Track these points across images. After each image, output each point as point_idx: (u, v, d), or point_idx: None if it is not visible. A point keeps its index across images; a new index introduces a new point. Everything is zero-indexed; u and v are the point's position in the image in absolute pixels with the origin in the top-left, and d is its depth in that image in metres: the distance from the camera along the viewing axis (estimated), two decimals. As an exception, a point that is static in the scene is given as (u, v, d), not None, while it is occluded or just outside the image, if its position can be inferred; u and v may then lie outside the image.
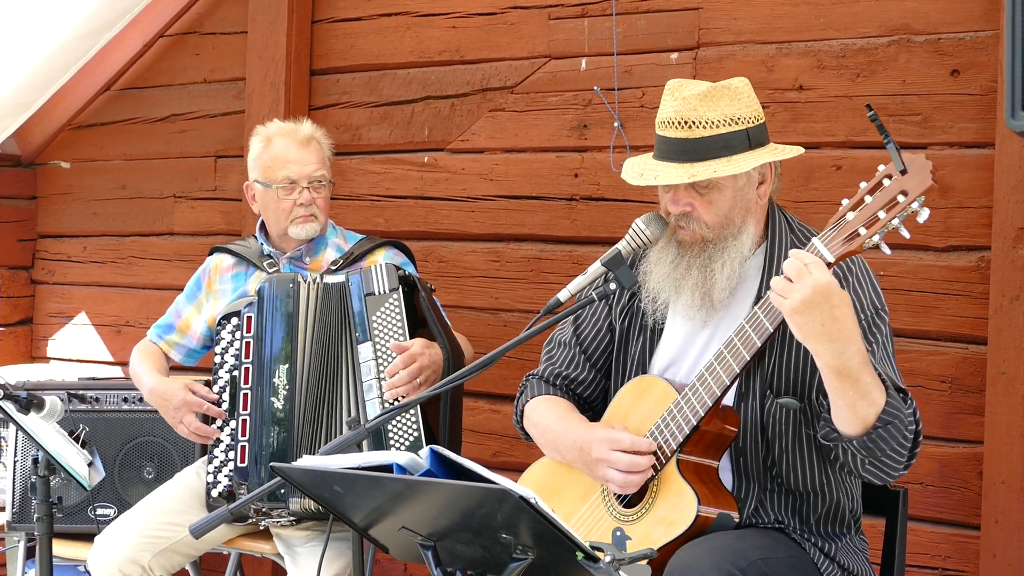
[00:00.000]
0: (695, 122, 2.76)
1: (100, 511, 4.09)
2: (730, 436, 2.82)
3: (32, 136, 5.34)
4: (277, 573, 4.57)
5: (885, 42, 3.66)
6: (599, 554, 2.16)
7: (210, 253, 3.97)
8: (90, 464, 3.36)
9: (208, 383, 3.67)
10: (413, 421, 3.46)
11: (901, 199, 2.50)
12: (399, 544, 2.53)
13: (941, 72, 3.58)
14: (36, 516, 3.33)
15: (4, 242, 5.36)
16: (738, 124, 2.77)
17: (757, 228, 2.87)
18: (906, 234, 2.53)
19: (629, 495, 2.86)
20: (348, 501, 2.46)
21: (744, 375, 2.80)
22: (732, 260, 2.80)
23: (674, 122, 2.78)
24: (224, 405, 3.61)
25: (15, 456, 4.18)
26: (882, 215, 2.51)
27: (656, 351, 2.98)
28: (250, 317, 3.61)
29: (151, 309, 5.03)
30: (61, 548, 3.89)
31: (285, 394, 3.55)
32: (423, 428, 3.46)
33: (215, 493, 3.59)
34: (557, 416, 3.02)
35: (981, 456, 3.52)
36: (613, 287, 2.79)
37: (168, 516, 3.62)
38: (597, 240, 4.09)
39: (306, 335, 3.59)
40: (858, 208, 2.55)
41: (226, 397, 3.61)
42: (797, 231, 2.90)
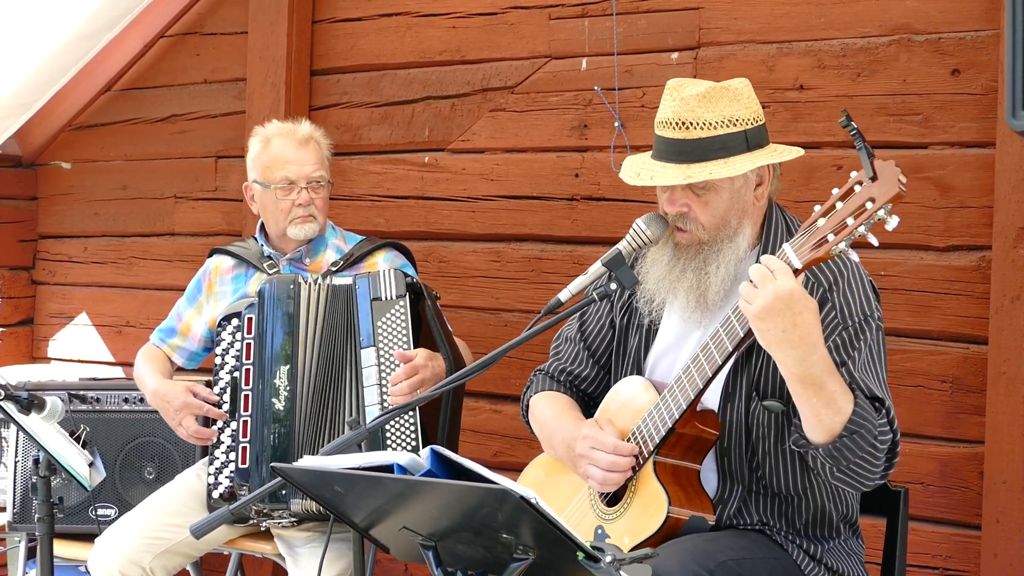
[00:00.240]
0: (693, 123, 2.75)
1: (101, 511, 4.09)
2: (710, 439, 2.82)
3: (33, 137, 5.34)
4: (278, 574, 4.57)
5: (886, 42, 3.66)
6: (599, 554, 2.16)
7: (210, 255, 3.97)
8: (91, 464, 3.36)
9: (209, 384, 3.67)
10: (411, 426, 3.46)
11: (869, 206, 2.47)
12: (400, 544, 2.53)
13: (942, 72, 3.58)
14: (37, 516, 3.33)
15: (5, 243, 5.36)
16: (736, 126, 2.76)
17: (754, 229, 2.87)
18: (874, 241, 2.50)
19: (613, 493, 2.88)
20: (349, 501, 2.46)
21: (731, 376, 2.81)
22: (727, 262, 2.80)
23: (672, 123, 2.78)
24: (225, 406, 3.61)
25: (16, 456, 4.18)
26: (850, 222, 2.49)
27: (651, 349, 2.99)
28: (251, 318, 3.61)
29: (152, 309, 5.03)
30: (62, 548, 3.89)
31: (286, 395, 3.55)
32: (420, 434, 3.46)
33: (216, 494, 3.59)
34: (555, 413, 3.04)
35: (982, 456, 3.52)
36: (614, 287, 2.80)
37: (169, 517, 3.62)
38: (598, 240, 4.09)
39: (308, 336, 3.59)
40: (829, 214, 2.53)
41: (227, 398, 3.61)
42: (795, 232, 2.89)
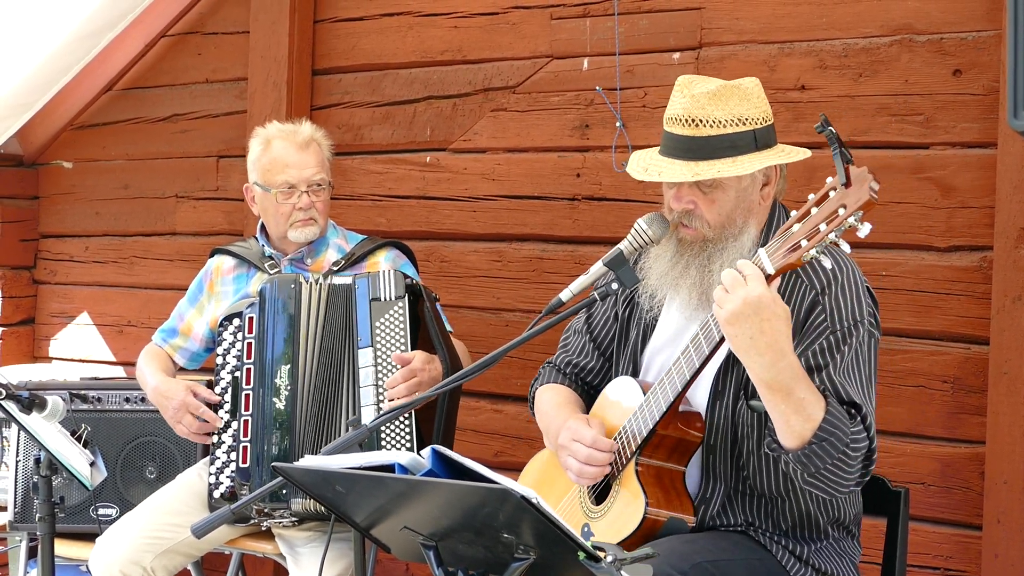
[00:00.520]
0: (702, 120, 2.75)
1: (102, 511, 4.09)
2: (694, 441, 2.83)
3: (34, 136, 5.35)
4: (279, 573, 4.57)
5: (887, 42, 3.66)
6: (600, 554, 2.16)
7: (211, 255, 3.97)
8: (92, 464, 3.36)
9: (210, 384, 3.67)
10: (407, 427, 3.46)
11: (841, 212, 2.46)
12: (401, 544, 2.53)
13: (943, 72, 3.58)
14: (38, 516, 3.33)
15: (6, 242, 5.36)
16: (745, 125, 2.76)
17: (758, 229, 2.86)
18: (846, 248, 2.50)
19: (599, 492, 2.90)
20: (350, 501, 2.46)
21: (720, 375, 2.81)
22: (731, 261, 2.79)
23: (682, 119, 2.77)
24: (226, 406, 3.61)
25: (17, 456, 4.18)
26: (822, 228, 2.48)
27: (648, 345, 3.00)
28: (252, 318, 3.61)
29: (153, 309, 5.04)
30: (63, 548, 3.89)
31: (287, 394, 3.55)
32: (416, 435, 3.46)
33: (217, 494, 3.59)
34: (555, 405, 3.06)
35: (983, 456, 3.51)
36: (615, 287, 2.80)
37: (170, 516, 3.62)
38: (599, 240, 4.09)
39: (309, 336, 3.59)
40: (804, 219, 2.52)
41: (228, 398, 3.61)
42: None
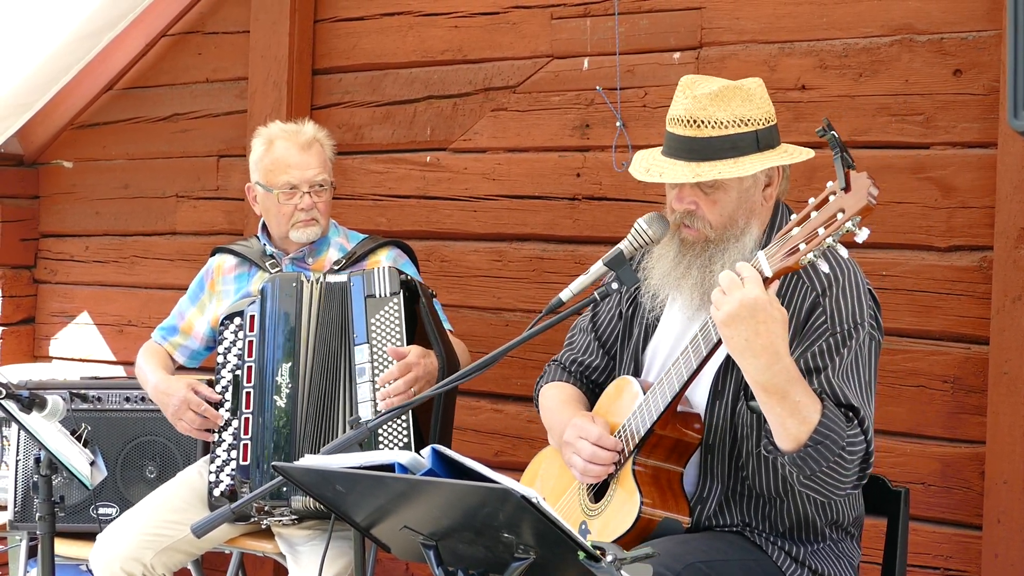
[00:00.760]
0: (704, 121, 2.75)
1: (102, 510, 4.09)
2: (693, 442, 2.83)
3: (35, 135, 5.35)
4: (279, 572, 4.57)
5: (888, 42, 3.66)
6: (600, 553, 2.16)
7: (212, 254, 3.97)
8: (92, 463, 3.36)
9: (211, 382, 3.67)
10: (404, 426, 3.46)
11: (839, 217, 2.47)
12: (401, 543, 2.53)
13: (944, 72, 3.58)
14: (38, 515, 3.34)
15: (7, 241, 5.36)
16: (748, 126, 2.76)
17: (760, 229, 2.86)
18: (843, 252, 2.50)
19: (598, 490, 2.90)
20: (350, 500, 2.46)
21: (720, 375, 2.81)
22: (733, 262, 2.79)
23: (683, 120, 2.77)
24: (227, 404, 3.61)
25: (17, 455, 4.18)
26: (820, 232, 2.48)
27: (650, 344, 3.00)
28: (253, 316, 3.61)
29: (153, 309, 5.04)
30: (63, 547, 3.89)
31: (288, 392, 3.55)
32: (413, 433, 3.47)
33: (217, 492, 3.59)
34: (558, 402, 3.07)
35: (983, 456, 3.51)
36: (616, 286, 2.80)
37: (170, 515, 3.62)
38: (599, 240, 4.09)
39: (309, 334, 3.59)
40: (803, 223, 2.52)
41: (228, 396, 3.61)
42: None
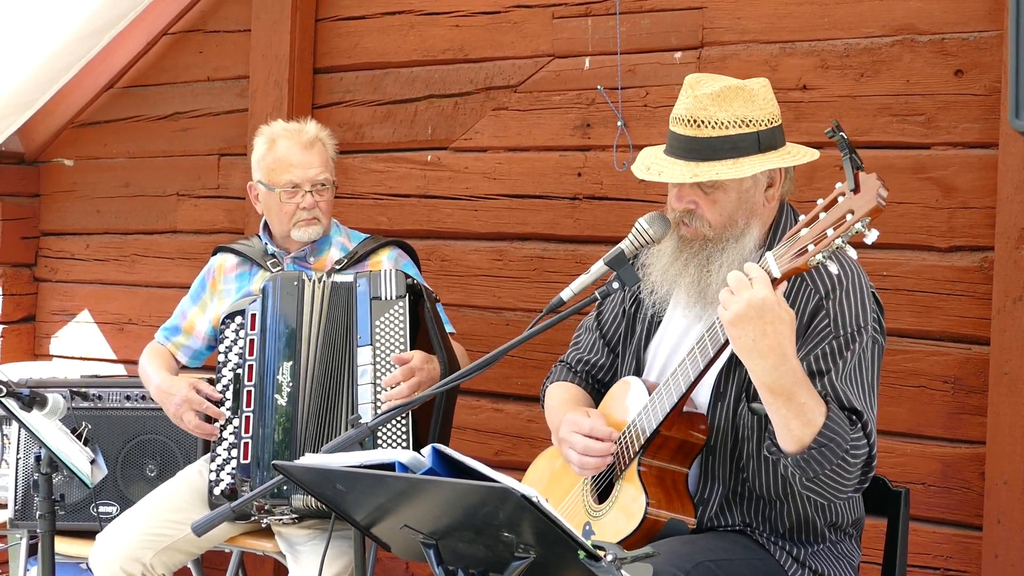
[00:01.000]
0: (705, 121, 2.75)
1: (102, 509, 4.09)
2: (698, 443, 2.83)
3: (36, 134, 5.35)
4: (279, 571, 4.57)
5: (889, 42, 3.66)
6: (600, 553, 2.16)
7: (214, 253, 3.97)
8: (92, 462, 3.36)
9: (212, 381, 3.67)
10: (403, 426, 3.46)
11: (848, 218, 2.47)
12: (401, 542, 2.53)
13: (945, 72, 3.58)
14: (38, 513, 3.34)
15: (7, 239, 5.36)
16: (749, 126, 2.76)
17: (762, 230, 2.86)
18: (852, 254, 2.50)
19: (603, 490, 2.90)
20: (350, 499, 2.46)
21: (722, 376, 2.81)
22: (731, 262, 2.79)
23: (685, 119, 2.78)
24: (228, 403, 3.61)
25: (18, 453, 4.18)
26: (829, 233, 2.48)
27: (652, 342, 3.00)
28: (254, 315, 3.61)
29: (154, 307, 5.04)
30: (63, 546, 3.89)
31: (289, 391, 3.55)
32: (412, 435, 3.47)
33: (217, 491, 3.59)
34: (561, 402, 3.07)
35: (983, 456, 3.51)
36: (616, 286, 2.80)
37: (170, 514, 3.62)
38: (600, 239, 4.09)
39: (311, 333, 3.59)
40: (812, 224, 2.52)
41: (229, 395, 3.61)
42: None
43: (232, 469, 3.58)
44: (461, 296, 4.39)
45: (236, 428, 3.59)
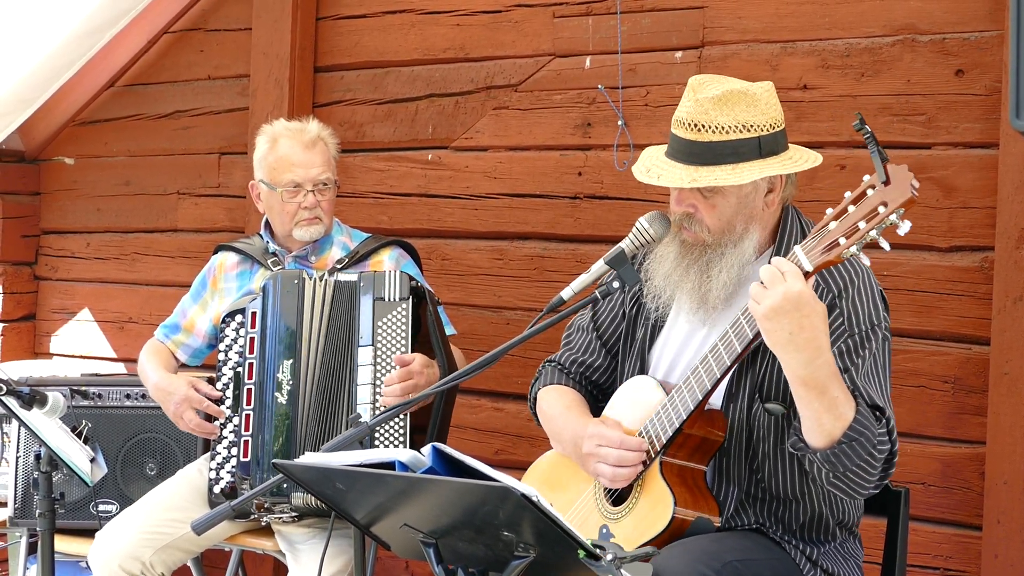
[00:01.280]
0: (705, 126, 2.75)
1: (102, 507, 4.09)
2: (717, 441, 2.82)
3: (36, 132, 5.35)
4: (278, 570, 4.57)
5: (890, 42, 3.66)
6: (600, 552, 2.16)
7: (215, 251, 3.97)
8: (92, 460, 3.36)
9: (212, 380, 3.67)
10: (400, 427, 3.46)
11: (881, 210, 2.47)
12: (401, 541, 2.53)
13: (946, 72, 3.58)
14: (38, 512, 3.33)
15: (8, 238, 5.36)
16: (750, 131, 2.75)
17: (763, 234, 2.85)
18: (886, 246, 2.50)
19: (619, 493, 2.88)
20: (350, 498, 2.46)
21: (735, 377, 2.80)
22: (730, 267, 2.80)
23: (685, 123, 2.77)
24: (228, 401, 3.61)
25: (18, 452, 4.18)
26: (862, 226, 2.49)
27: (655, 345, 2.99)
28: (255, 313, 3.61)
29: (154, 305, 5.04)
30: (63, 544, 3.89)
31: (289, 390, 3.55)
32: (409, 434, 3.47)
33: (217, 489, 3.59)
34: (562, 408, 3.04)
35: (983, 456, 3.51)
36: (617, 285, 2.79)
37: (170, 512, 3.62)
38: (600, 239, 4.09)
39: (311, 332, 3.59)
40: (841, 217, 2.52)
41: (229, 393, 3.61)
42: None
43: (232, 467, 3.58)
44: (461, 295, 4.39)
45: (236, 426, 3.60)
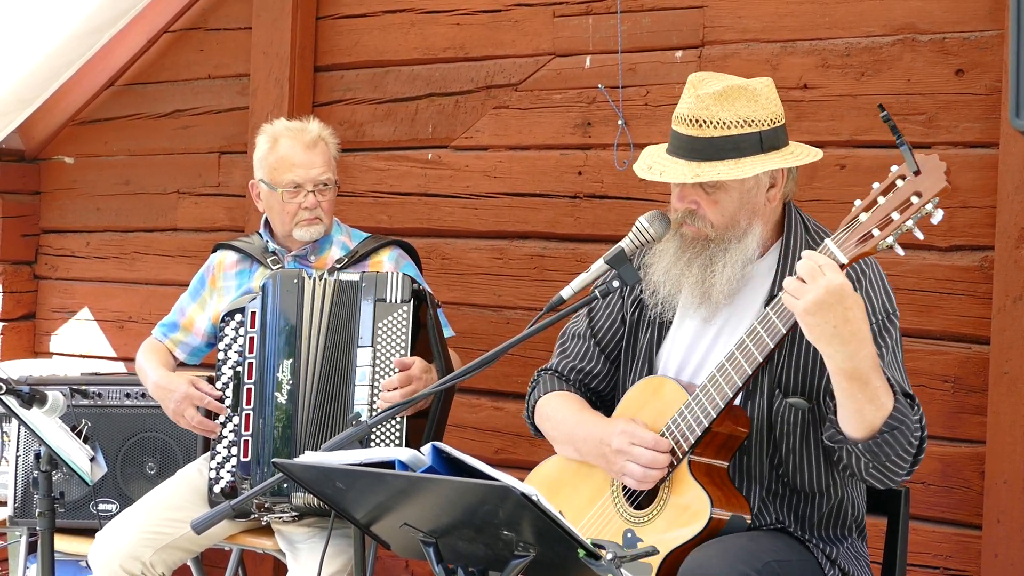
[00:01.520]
0: (706, 121, 2.75)
1: (102, 506, 4.09)
2: (741, 437, 2.80)
3: (36, 131, 5.35)
4: (278, 569, 4.57)
5: (890, 41, 3.66)
6: (600, 551, 2.16)
7: (214, 250, 3.97)
8: (92, 459, 3.36)
9: (211, 379, 3.67)
10: (397, 428, 3.46)
11: (915, 200, 2.49)
12: (401, 541, 2.53)
13: (946, 71, 3.58)
14: (38, 511, 3.33)
15: (7, 237, 5.36)
16: (751, 126, 2.76)
17: (766, 230, 2.86)
18: (920, 235, 2.53)
19: (640, 496, 2.85)
20: (350, 498, 2.46)
21: (753, 373, 2.80)
22: (733, 262, 2.79)
23: (687, 119, 2.77)
24: (227, 401, 3.61)
25: (17, 451, 4.18)
26: (896, 216, 2.51)
27: (663, 345, 2.97)
28: (254, 312, 3.61)
29: (154, 305, 5.04)
30: (63, 543, 3.89)
31: (289, 389, 3.55)
32: (405, 434, 3.47)
33: (217, 489, 3.59)
34: (573, 410, 3.01)
35: (983, 456, 3.51)
36: (616, 284, 2.79)
37: (170, 512, 3.62)
38: (600, 238, 4.09)
39: (311, 331, 3.58)
40: (871, 209, 2.54)
41: (229, 393, 3.61)
42: (813, 232, 2.89)
43: (232, 467, 3.58)
44: (461, 294, 4.39)
45: (236, 426, 3.59)
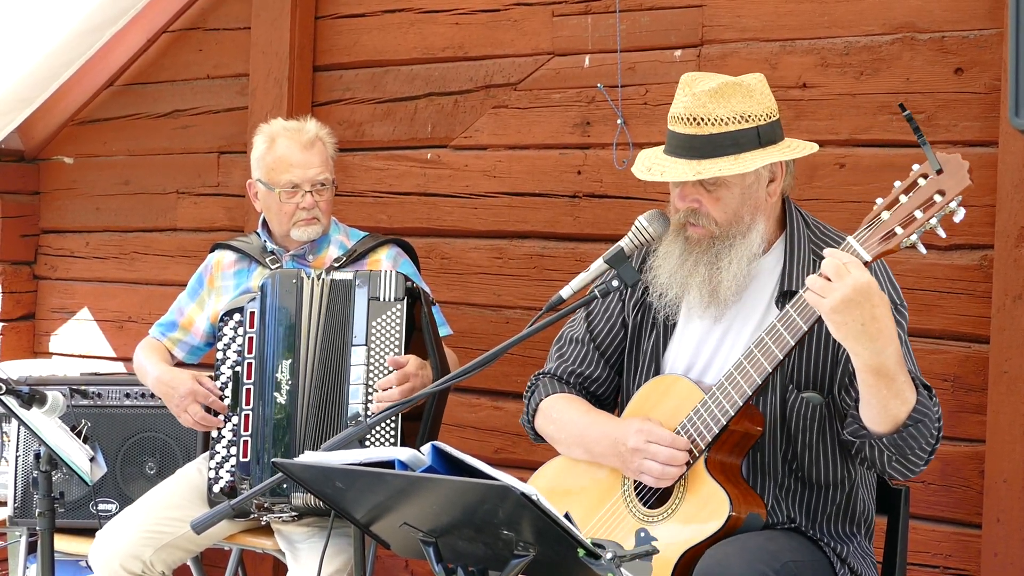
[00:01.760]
0: (704, 119, 2.75)
1: (102, 506, 4.09)
2: (755, 436, 2.81)
3: (35, 131, 5.35)
4: (278, 569, 4.58)
5: (889, 40, 3.65)
6: (600, 551, 2.16)
7: (212, 250, 3.97)
8: (92, 459, 3.36)
9: (212, 378, 3.67)
10: (392, 428, 3.46)
11: (938, 199, 2.51)
12: (401, 540, 2.53)
13: (945, 70, 3.58)
14: (38, 511, 3.33)
15: (7, 237, 5.36)
16: (748, 122, 2.76)
17: (768, 225, 2.86)
18: (942, 233, 2.55)
19: (654, 495, 2.85)
20: (350, 497, 2.46)
21: None
22: (740, 258, 2.80)
23: (683, 118, 2.77)
24: (227, 400, 3.61)
25: (17, 451, 4.18)
26: (919, 215, 2.52)
27: (669, 347, 2.97)
28: (253, 312, 3.61)
29: (154, 305, 5.03)
30: (63, 543, 3.89)
31: (288, 389, 3.55)
32: (400, 435, 3.47)
33: (217, 488, 3.59)
34: (582, 411, 2.99)
35: (983, 455, 3.52)
36: (616, 284, 2.79)
37: (170, 511, 3.62)
38: (600, 237, 4.09)
39: (310, 331, 3.59)
40: (893, 208, 2.55)
41: (228, 392, 3.61)
42: (813, 228, 2.90)
43: (231, 467, 3.58)
44: (461, 294, 4.38)
45: (235, 426, 3.60)
